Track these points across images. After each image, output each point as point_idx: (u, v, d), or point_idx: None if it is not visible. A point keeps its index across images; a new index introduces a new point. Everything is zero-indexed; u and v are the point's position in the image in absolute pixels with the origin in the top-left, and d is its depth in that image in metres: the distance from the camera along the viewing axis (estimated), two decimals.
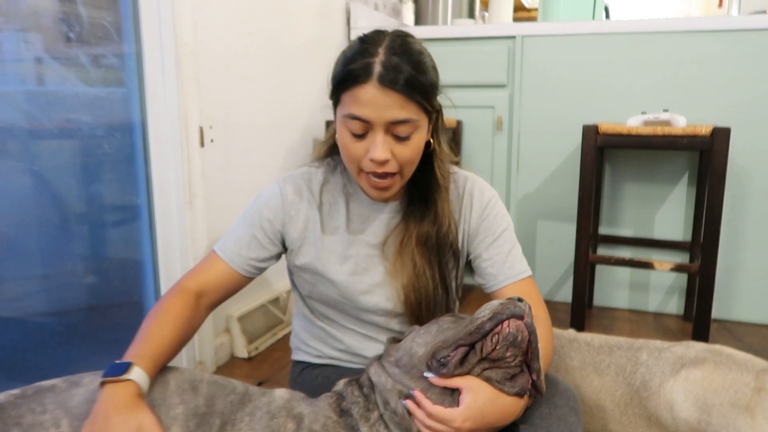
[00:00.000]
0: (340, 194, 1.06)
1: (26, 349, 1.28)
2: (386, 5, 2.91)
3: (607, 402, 1.13)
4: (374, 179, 0.94)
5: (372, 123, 0.89)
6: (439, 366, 0.81)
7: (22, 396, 0.82)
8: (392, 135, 0.91)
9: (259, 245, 1.04)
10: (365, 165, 0.93)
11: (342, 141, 0.95)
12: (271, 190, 1.07)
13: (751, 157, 2.06)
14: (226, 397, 0.87)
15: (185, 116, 1.54)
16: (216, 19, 1.65)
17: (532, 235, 2.36)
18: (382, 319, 1.06)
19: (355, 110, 0.89)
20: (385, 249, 1.05)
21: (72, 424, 0.79)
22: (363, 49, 0.90)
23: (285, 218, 1.05)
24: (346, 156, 0.96)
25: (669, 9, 4.10)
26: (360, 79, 0.88)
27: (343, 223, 1.05)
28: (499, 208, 1.08)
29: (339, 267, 1.04)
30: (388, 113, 0.88)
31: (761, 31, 1.99)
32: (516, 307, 0.80)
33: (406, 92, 0.87)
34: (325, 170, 1.08)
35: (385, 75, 0.87)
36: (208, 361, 1.69)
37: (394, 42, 0.90)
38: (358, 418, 0.84)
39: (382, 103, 0.88)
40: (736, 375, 1.02)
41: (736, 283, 2.15)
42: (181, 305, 0.96)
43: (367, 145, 0.91)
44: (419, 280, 1.02)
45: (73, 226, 1.37)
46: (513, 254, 1.06)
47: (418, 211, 1.03)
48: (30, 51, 1.24)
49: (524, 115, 2.29)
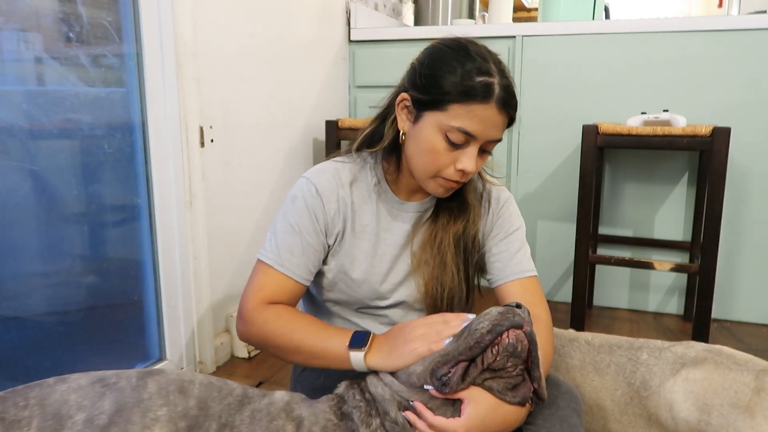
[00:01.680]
0: (370, 193, 1.05)
1: (26, 349, 1.28)
2: (386, 5, 2.91)
3: (607, 401, 1.12)
4: (451, 183, 0.97)
5: (476, 138, 0.92)
6: (441, 385, 0.80)
7: (13, 391, 0.82)
8: (481, 149, 0.95)
9: (314, 251, 1.02)
10: (449, 173, 0.95)
11: (432, 147, 0.94)
12: (306, 189, 1.03)
13: (751, 157, 2.06)
14: (223, 400, 0.85)
15: (185, 116, 1.54)
16: (216, 19, 1.65)
17: (532, 235, 2.36)
18: (400, 314, 1.07)
19: (467, 125, 0.90)
20: (412, 245, 1.06)
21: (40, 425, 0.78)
22: (480, 65, 0.90)
23: (327, 218, 1.03)
24: (431, 161, 0.95)
25: (669, 9, 4.09)
26: (482, 97, 0.89)
27: (372, 222, 1.05)
28: (514, 209, 1.10)
29: (365, 266, 1.04)
30: (495, 133, 0.93)
31: (761, 31, 1.99)
32: (515, 315, 0.78)
33: (512, 118, 0.94)
34: (353, 167, 1.06)
35: (505, 99, 0.90)
36: (208, 361, 1.69)
37: (497, 60, 0.93)
38: (359, 423, 0.83)
39: (495, 124, 0.92)
40: (736, 375, 1.02)
41: (736, 283, 2.15)
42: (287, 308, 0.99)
43: (457, 155, 0.94)
44: (446, 276, 1.03)
45: (73, 226, 1.37)
46: (521, 253, 1.07)
47: (448, 211, 1.05)
48: (30, 51, 1.24)
49: (524, 115, 2.29)
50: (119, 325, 1.50)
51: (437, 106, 0.92)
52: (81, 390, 0.82)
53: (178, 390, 0.84)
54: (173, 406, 0.82)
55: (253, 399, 0.88)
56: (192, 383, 0.86)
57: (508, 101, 0.91)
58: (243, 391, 0.89)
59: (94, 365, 0.91)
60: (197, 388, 0.85)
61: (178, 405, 0.82)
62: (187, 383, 0.86)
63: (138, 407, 0.80)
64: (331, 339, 0.91)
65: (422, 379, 0.82)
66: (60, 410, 0.79)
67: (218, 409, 0.84)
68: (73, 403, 0.80)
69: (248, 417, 0.84)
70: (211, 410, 0.83)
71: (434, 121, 0.93)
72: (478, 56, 0.92)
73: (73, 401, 0.81)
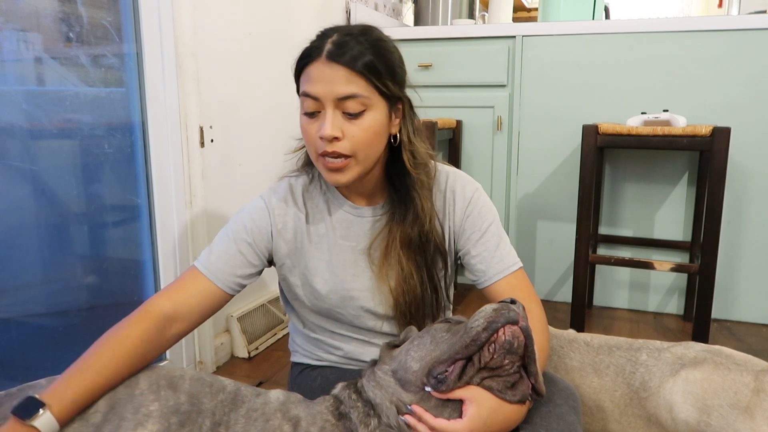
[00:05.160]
0: (321, 201, 1.05)
1: (26, 349, 1.28)
2: (386, 5, 2.91)
3: (606, 402, 1.12)
4: (328, 160, 0.93)
5: (321, 100, 0.90)
6: (437, 383, 0.80)
7: (8, 394, 0.81)
8: (343, 113, 0.91)
9: (245, 261, 1.01)
10: (318, 146, 0.93)
11: (300, 125, 0.96)
12: (255, 204, 1.05)
13: (751, 157, 2.06)
14: (215, 396, 0.85)
15: (185, 116, 1.54)
16: (216, 19, 1.65)
17: (532, 235, 2.36)
18: (374, 324, 1.06)
19: (306, 87, 0.92)
20: (371, 253, 1.03)
21: None
22: (321, 34, 0.93)
23: (273, 232, 1.03)
24: (305, 140, 0.97)
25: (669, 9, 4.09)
26: (311, 57, 0.91)
27: (327, 231, 1.04)
28: (483, 201, 1.06)
29: (327, 276, 1.03)
30: (336, 88, 0.89)
31: (761, 31, 1.99)
32: (510, 311, 0.78)
33: (352, 66, 0.89)
34: (304, 179, 1.07)
35: (333, 50, 0.89)
36: (208, 361, 1.69)
37: (353, 28, 0.93)
38: (357, 422, 0.83)
39: (329, 78, 0.89)
40: (735, 376, 1.02)
41: (736, 283, 2.15)
42: (141, 334, 0.87)
43: (320, 125, 0.92)
44: (407, 283, 1.01)
45: (73, 226, 1.37)
46: (501, 248, 1.04)
47: (399, 212, 1.01)
48: (30, 51, 1.24)
49: (524, 115, 2.29)
50: None
51: (297, 88, 0.96)
52: None
53: (168, 385, 0.83)
54: (164, 401, 0.81)
55: (247, 397, 0.87)
56: (182, 378, 0.85)
57: (338, 52, 0.89)
58: (235, 387, 0.88)
59: None
60: (187, 383, 0.85)
61: (169, 400, 0.81)
62: (177, 378, 0.85)
63: (131, 403, 0.80)
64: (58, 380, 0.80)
65: (419, 378, 0.82)
66: None
67: (210, 406, 0.83)
68: None
69: (243, 416, 0.84)
70: (203, 406, 0.83)
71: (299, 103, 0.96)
72: (323, 30, 0.94)
73: None
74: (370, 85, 0.91)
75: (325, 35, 0.92)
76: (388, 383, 0.85)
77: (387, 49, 0.94)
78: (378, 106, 0.93)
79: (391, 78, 0.94)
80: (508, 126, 2.31)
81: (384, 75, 0.92)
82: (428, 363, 0.81)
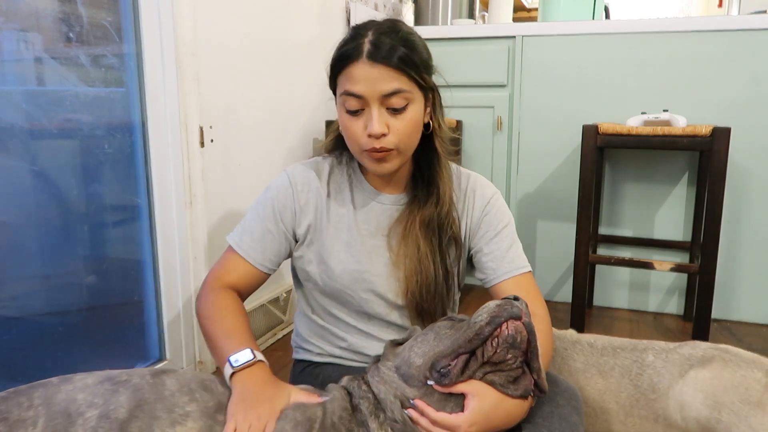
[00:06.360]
0: (345, 184, 1.09)
1: (26, 349, 1.27)
2: (386, 5, 2.90)
3: (611, 404, 1.12)
4: (373, 152, 0.97)
5: (366, 98, 0.93)
6: (440, 377, 0.80)
7: (16, 391, 0.81)
8: (387, 108, 0.94)
9: (274, 239, 1.06)
10: (365, 143, 0.96)
11: (342, 122, 0.99)
12: (280, 180, 1.08)
13: (751, 157, 2.06)
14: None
15: (185, 116, 1.54)
16: (216, 19, 1.65)
17: (532, 235, 2.36)
18: (382, 310, 1.07)
19: (349, 87, 0.94)
20: (390, 239, 1.06)
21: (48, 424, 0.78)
22: (354, 33, 0.96)
23: (296, 208, 1.06)
24: (348, 137, 0.99)
25: (669, 9, 4.10)
26: (351, 58, 0.93)
27: (348, 213, 1.07)
28: (501, 204, 1.10)
29: (343, 256, 1.05)
30: (380, 86, 0.93)
31: (761, 31, 1.99)
32: (513, 307, 0.79)
33: (394, 64, 0.92)
34: (332, 161, 1.10)
35: (373, 51, 0.92)
36: (208, 361, 1.69)
37: (383, 24, 0.96)
38: (367, 414, 0.84)
39: (373, 77, 0.92)
40: (746, 372, 1.02)
41: (736, 283, 2.15)
42: (233, 298, 1.02)
43: (365, 122, 0.95)
44: (421, 263, 1.03)
45: (73, 226, 1.36)
46: (513, 249, 1.07)
47: (422, 195, 1.05)
48: (30, 51, 1.23)
49: (524, 115, 2.29)
50: (119, 325, 1.50)
51: (333, 85, 1.00)
52: (89, 389, 0.83)
53: (201, 387, 0.86)
54: (203, 402, 0.83)
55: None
56: (213, 381, 0.89)
57: (378, 52, 0.92)
58: None
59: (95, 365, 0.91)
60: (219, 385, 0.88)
61: (208, 401, 0.84)
62: (208, 381, 0.88)
63: (161, 403, 0.81)
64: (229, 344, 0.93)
65: (422, 373, 0.83)
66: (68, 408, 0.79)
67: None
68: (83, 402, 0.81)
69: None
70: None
71: (338, 99, 0.98)
72: (359, 28, 0.97)
73: (82, 399, 0.81)
74: (410, 79, 0.95)
75: (359, 34, 0.95)
76: (391, 378, 0.86)
77: (417, 43, 0.97)
78: (417, 98, 0.97)
79: (426, 70, 0.98)
80: (508, 126, 2.31)
81: (420, 68, 0.96)
82: (431, 357, 0.82)
